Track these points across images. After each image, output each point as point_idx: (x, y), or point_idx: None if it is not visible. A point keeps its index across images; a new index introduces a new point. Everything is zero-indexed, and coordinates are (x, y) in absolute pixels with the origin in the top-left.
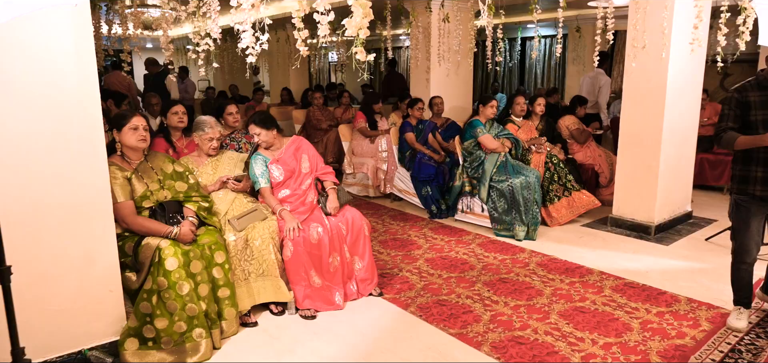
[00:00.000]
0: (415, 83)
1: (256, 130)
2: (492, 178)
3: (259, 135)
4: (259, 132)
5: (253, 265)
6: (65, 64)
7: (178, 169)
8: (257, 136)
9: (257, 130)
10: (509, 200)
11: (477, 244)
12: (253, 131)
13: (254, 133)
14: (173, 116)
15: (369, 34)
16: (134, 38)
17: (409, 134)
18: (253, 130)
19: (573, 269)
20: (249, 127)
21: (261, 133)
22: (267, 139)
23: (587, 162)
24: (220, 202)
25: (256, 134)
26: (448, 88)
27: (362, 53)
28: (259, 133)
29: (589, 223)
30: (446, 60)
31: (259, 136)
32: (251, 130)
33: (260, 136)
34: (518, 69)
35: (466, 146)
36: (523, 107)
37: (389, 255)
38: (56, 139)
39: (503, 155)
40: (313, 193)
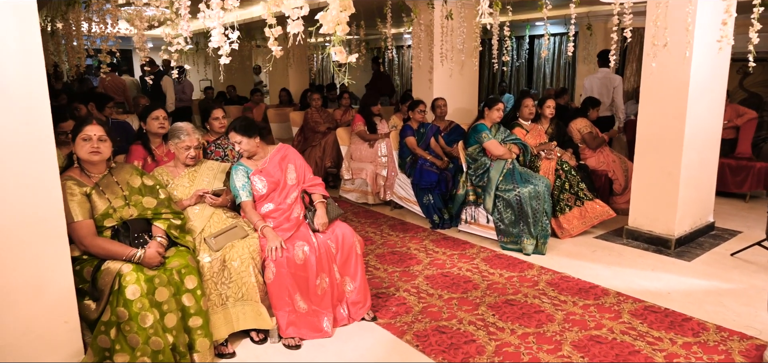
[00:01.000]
0: (417, 84)
1: (237, 138)
2: (498, 186)
3: (239, 143)
4: (239, 140)
5: (231, 288)
6: (7, 66)
7: (147, 183)
8: (238, 144)
9: (238, 138)
10: (517, 211)
11: (481, 259)
12: (233, 139)
13: (235, 142)
14: (153, 122)
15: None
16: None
17: (410, 138)
18: (233, 138)
19: (587, 289)
20: (229, 134)
21: (242, 141)
22: (249, 147)
23: (600, 168)
24: (196, 219)
25: (236, 142)
26: (451, 90)
27: (341, 53)
28: (239, 142)
29: (602, 235)
30: (449, 60)
31: (240, 145)
32: (232, 139)
33: (241, 145)
34: (526, 68)
35: (470, 152)
36: (531, 110)
37: (386, 271)
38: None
39: (510, 162)
40: (299, 208)
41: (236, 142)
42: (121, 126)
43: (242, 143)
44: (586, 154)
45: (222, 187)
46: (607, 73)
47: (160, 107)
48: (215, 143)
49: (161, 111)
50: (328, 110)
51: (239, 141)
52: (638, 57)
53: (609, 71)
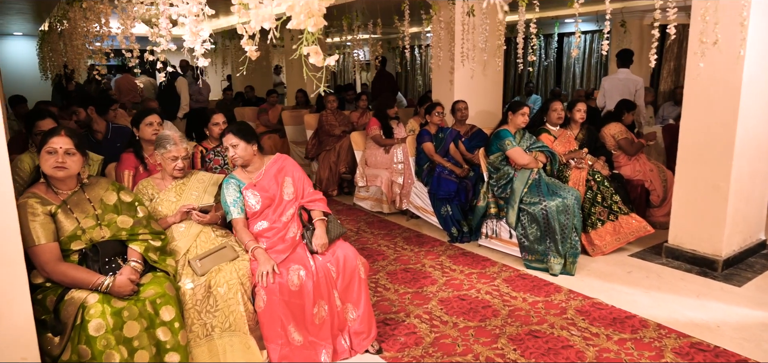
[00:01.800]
0: (437, 86)
1: (233, 141)
2: (522, 199)
3: (235, 147)
4: (236, 143)
5: (217, 317)
6: None
7: (125, 199)
8: (233, 148)
9: (234, 141)
10: (543, 226)
11: (503, 280)
12: (228, 142)
13: (230, 145)
14: (147, 128)
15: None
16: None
17: (427, 144)
18: (228, 140)
19: (622, 320)
20: (224, 137)
21: (239, 145)
22: (244, 154)
23: (636, 177)
24: (181, 238)
25: (232, 146)
26: (473, 91)
27: (317, 55)
28: (235, 145)
29: (639, 253)
30: (471, 59)
31: (236, 150)
32: (227, 141)
33: (237, 150)
34: (554, 68)
35: (492, 161)
36: (560, 114)
37: (396, 292)
38: None
39: (536, 172)
40: (296, 226)
41: (231, 146)
42: (121, 132)
43: (238, 148)
44: (620, 163)
45: (213, 202)
46: (628, 75)
47: (153, 111)
48: (214, 151)
49: (155, 116)
50: (345, 112)
51: (235, 144)
52: (676, 55)
53: (627, 71)
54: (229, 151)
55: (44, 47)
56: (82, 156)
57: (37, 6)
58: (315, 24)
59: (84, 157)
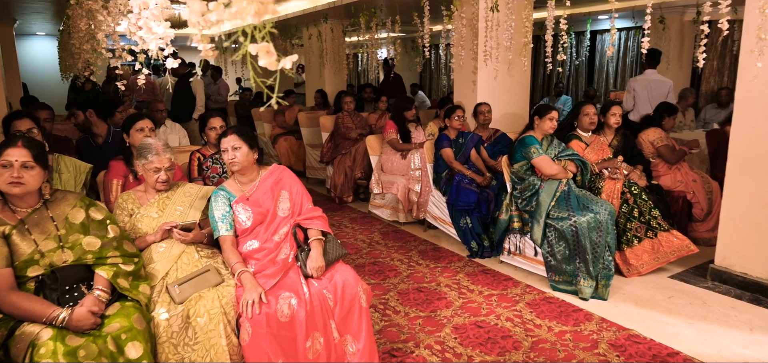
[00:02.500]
0: (459, 87)
1: (236, 143)
2: (549, 213)
3: (237, 150)
4: (239, 146)
5: (196, 351)
6: None
7: (95, 217)
8: (234, 151)
9: (237, 143)
10: (572, 244)
11: (526, 303)
12: (229, 143)
13: (231, 147)
14: (137, 134)
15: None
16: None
17: (446, 150)
18: (230, 142)
19: (663, 358)
20: (225, 138)
21: (241, 148)
22: (245, 161)
23: (677, 189)
24: (160, 260)
25: (233, 148)
26: (498, 93)
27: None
28: (238, 148)
29: (680, 274)
30: (495, 58)
31: (237, 154)
32: (227, 143)
33: (238, 154)
34: (586, 68)
35: (516, 170)
36: (592, 119)
37: (407, 316)
38: None
39: (565, 183)
40: (288, 246)
41: (232, 148)
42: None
43: (240, 152)
44: (659, 172)
45: (199, 218)
46: (656, 76)
47: (145, 116)
48: (212, 158)
49: (146, 121)
50: (363, 114)
51: (238, 147)
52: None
53: (653, 72)
54: (228, 153)
55: (61, 47)
56: (42, 169)
57: (55, 4)
58: (257, 13)
59: (45, 170)
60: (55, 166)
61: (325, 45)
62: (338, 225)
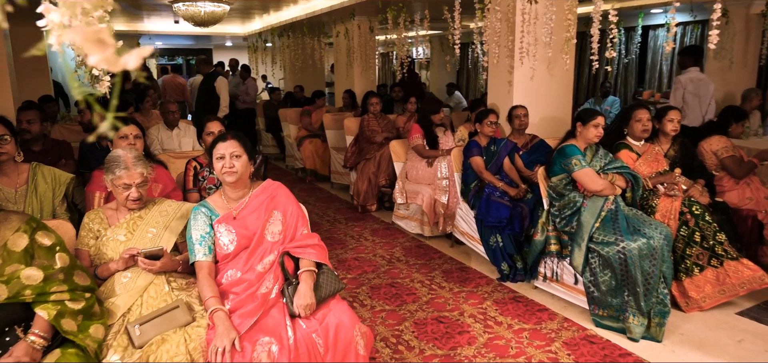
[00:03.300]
0: (493, 88)
1: (236, 150)
2: (593, 236)
3: (237, 158)
4: (239, 153)
5: None
6: None
7: (43, 242)
8: (233, 160)
9: (237, 150)
10: (619, 274)
11: (563, 342)
12: (227, 150)
13: (228, 153)
14: (120, 142)
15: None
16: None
17: (476, 158)
18: (228, 148)
19: None
20: (222, 143)
21: (242, 157)
22: (243, 172)
23: (746, 207)
24: (123, 293)
25: (231, 155)
26: (536, 94)
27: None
28: (238, 156)
29: (751, 310)
30: (533, 56)
31: (236, 163)
32: (225, 149)
33: (237, 164)
34: (637, 66)
35: (555, 184)
36: (646, 126)
37: (421, 354)
38: None
39: (612, 201)
40: (273, 278)
41: (230, 154)
42: None
43: (241, 160)
44: (724, 187)
45: (176, 240)
46: (700, 75)
47: (130, 121)
48: (210, 167)
49: (131, 128)
50: (390, 116)
51: (238, 155)
52: None
53: (695, 69)
54: (226, 161)
55: None
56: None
57: None
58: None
59: None
60: (31, 178)
61: (352, 42)
62: (358, 237)
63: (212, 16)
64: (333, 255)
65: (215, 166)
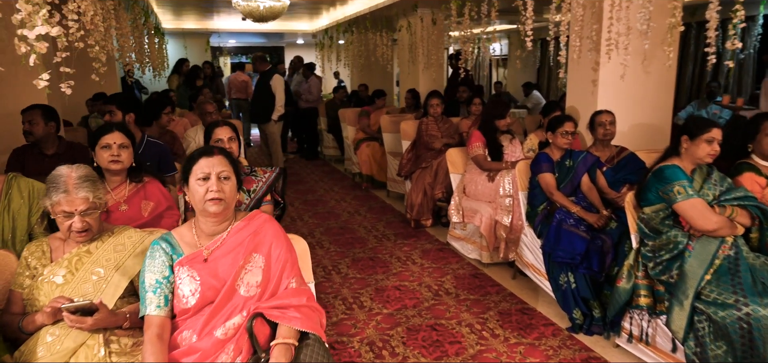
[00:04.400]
0: (573, 89)
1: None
2: (701, 292)
3: (226, 181)
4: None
5: None
6: None
7: None
8: (221, 183)
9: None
10: (740, 348)
11: None
12: (211, 169)
13: (214, 173)
14: (103, 153)
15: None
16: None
17: (546, 176)
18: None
19: None
20: (201, 160)
21: (231, 179)
22: (230, 199)
23: None
24: (47, 357)
25: (219, 176)
26: (626, 96)
27: None
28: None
29: None
30: (624, 49)
31: (225, 186)
32: (208, 167)
33: (226, 188)
34: (754, 62)
35: (649, 216)
36: None
37: None
38: None
39: (730, 244)
40: (234, 351)
41: (218, 175)
42: (155, 148)
43: (230, 183)
44: None
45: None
46: None
47: (114, 128)
48: None
49: (116, 135)
50: (453, 120)
51: (228, 175)
52: None
53: None
54: (211, 184)
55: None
56: None
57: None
58: None
59: None
60: (5, 192)
61: (414, 37)
62: (405, 259)
63: (271, 11)
64: (372, 281)
65: (193, 189)
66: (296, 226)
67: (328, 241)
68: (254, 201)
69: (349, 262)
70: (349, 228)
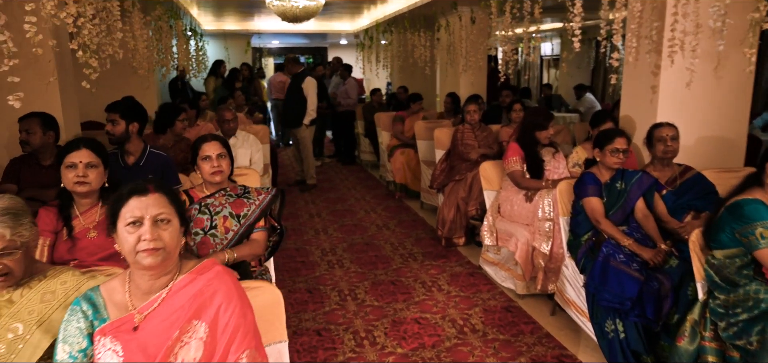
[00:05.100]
0: (629, 97)
1: (158, 208)
2: None
3: (166, 224)
4: (169, 216)
5: None
6: None
7: None
8: (158, 227)
9: (162, 210)
10: None
11: None
12: (136, 211)
13: (147, 218)
14: (68, 172)
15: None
16: None
17: (591, 200)
18: (137, 209)
19: None
20: (132, 199)
21: (172, 221)
22: (171, 247)
23: None
24: None
25: (155, 218)
26: (692, 107)
27: None
28: (168, 220)
29: None
30: (690, 50)
31: (166, 232)
32: (131, 212)
33: (166, 234)
34: None
35: (721, 261)
36: None
37: None
38: None
39: None
40: None
41: (150, 218)
42: (158, 160)
43: (171, 227)
44: None
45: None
46: None
47: (82, 145)
48: (202, 204)
49: (84, 152)
50: (492, 128)
51: (168, 218)
52: None
53: None
54: (143, 230)
55: None
56: None
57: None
58: None
59: None
60: None
61: (453, 37)
62: (431, 285)
63: (305, 10)
64: (389, 311)
65: (122, 237)
66: (319, 240)
67: (349, 259)
68: (244, 227)
69: (367, 286)
70: (375, 244)
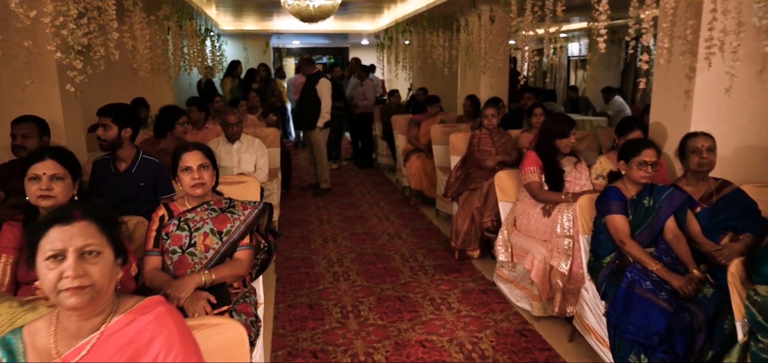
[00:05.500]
0: (660, 103)
1: (85, 239)
2: None
3: (96, 256)
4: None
5: None
6: None
7: None
8: (84, 261)
9: (91, 240)
10: None
11: None
12: (58, 242)
13: (70, 249)
14: (32, 185)
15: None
16: None
17: (616, 218)
18: (58, 239)
19: None
20: (47, 232)
21: (102, 253)
22: (101, 285)
23: None
24: None
25: (75, 252)
26: (731, 115)
27: None
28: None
29: None
30: (729, 53)
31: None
32: (51, 243)
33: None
34: None
35: (766, 299)
36: None
37: None
38: None
39: None
40: None
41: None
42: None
43: (102, 260)
44: None
45: None
46: None
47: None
48: (181, 220)
49: (49, 163)
50: (512, 133)
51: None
52: None
53: None
54: (65, 265)
55: None
56: None
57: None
58: None
59: None
60: None
61: (472, 37)
62: (440, 302)
63: (321, 10)
64: (393, 332)
65: (42, 273)
66: (326, 249)
67: (355, 271)
68: (227, 245)
69: (372, 303)
70: (384, 255)
